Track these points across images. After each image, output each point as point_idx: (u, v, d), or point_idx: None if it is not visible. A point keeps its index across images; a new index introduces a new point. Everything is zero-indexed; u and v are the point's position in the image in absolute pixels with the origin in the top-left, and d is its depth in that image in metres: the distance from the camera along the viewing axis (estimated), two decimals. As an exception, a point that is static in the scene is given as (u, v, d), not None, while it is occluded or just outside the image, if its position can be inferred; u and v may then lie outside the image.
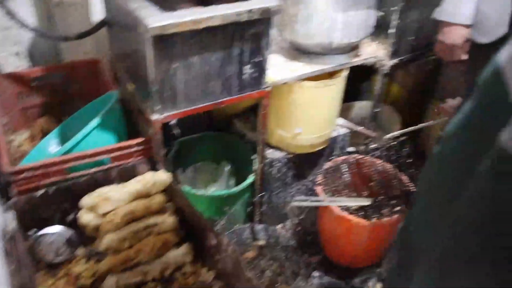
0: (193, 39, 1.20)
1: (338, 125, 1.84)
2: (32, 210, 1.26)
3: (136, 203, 1.25)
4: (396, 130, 2.12)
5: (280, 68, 1.56)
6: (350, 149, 1.97)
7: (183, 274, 1.24)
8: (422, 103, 2.34)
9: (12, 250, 1.10)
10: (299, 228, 1.91)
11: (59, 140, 1.59)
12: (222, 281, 1.20)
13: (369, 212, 1.65)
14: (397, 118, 2.21)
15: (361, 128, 1.86)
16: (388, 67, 1.75)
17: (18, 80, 1.68)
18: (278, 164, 1.74)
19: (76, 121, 1.57)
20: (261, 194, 1.74)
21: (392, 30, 1.68)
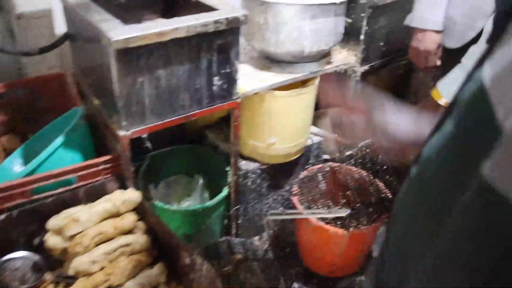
0: (159, 51, 1.16)
1: (312, 133, 1.83)
2: (-5, 235, 1.20)
3: (105, 223, 1.21)
4: (370, 135, 2.12)
5: (251, 78, 1.54)
6: (326, 156, 1.96)
7: (158, 295, 1.19)
8: (394, 108, 2.35)
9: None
10: (276, 240, 1.88)
11: (23, 159, 1.52)
12: (198, 301, 1.16)
13: (347, 221, 1.63)
14: (370, 123, 2.21)
15: (335, 136, 1.85)
16: (359, 74, 1.75)
17: (-22, 98, 1.61)
18: (253, 175, 1.71)
19: (42, 139, 1.51)
20: (237, 206, 1.71)
21: (361, 37, 1.68)
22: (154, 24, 1.16)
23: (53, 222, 1.19)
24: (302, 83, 1.65)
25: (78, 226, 1.18)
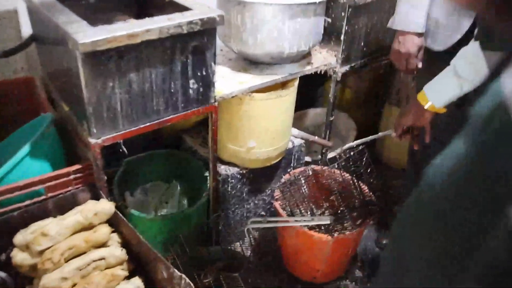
0: (130, 54, 1.10)
1: (292, 135, 1.78)
2: (-43, 253, 1.13)
3: (77, 237, 1.15)
4: (352, 136, 2.09)
5: (228, 80, 1.48)
6: (307, 158, 1.92)
7: (135, 311, 1.14)
8: (376, 108, 2.33)
9: None
10: (258, 246, 1.83)
11: (-12, 169, 1.44)
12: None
13: (331, 225, 1.59)
14: (352, 124, 2.18)
15: (316, 138, 1.81)
16: (340, 74, 1.71)
17: None
18: (233, 180, 1.66)
19: (7, 147, 1.43)
20: (217, 213, 1.65)
21: (342, 37, 1.64)
22: (124, 25, 1.09)
23: (21, 236, 1.13)
24: (282, 85, 1.60)
25: (48, 240, 1.12)
